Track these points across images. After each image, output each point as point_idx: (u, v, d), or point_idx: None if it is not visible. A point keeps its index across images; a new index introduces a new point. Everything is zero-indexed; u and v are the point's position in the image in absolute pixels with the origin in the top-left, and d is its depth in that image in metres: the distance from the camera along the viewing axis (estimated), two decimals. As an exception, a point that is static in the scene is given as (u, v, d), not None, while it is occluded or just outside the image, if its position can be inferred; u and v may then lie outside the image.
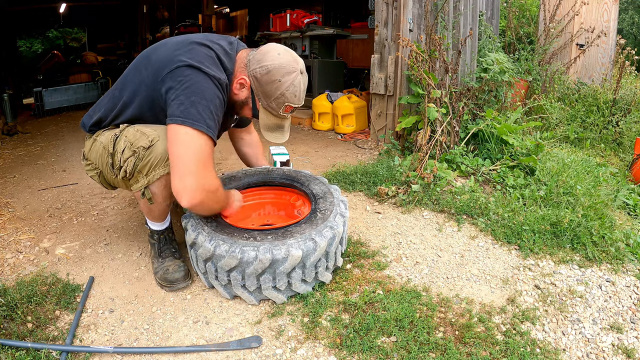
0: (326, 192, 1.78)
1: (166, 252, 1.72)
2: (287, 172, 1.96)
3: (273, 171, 1.97)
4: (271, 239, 1.48)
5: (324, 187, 1.82)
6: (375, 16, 3.23)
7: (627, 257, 1.84)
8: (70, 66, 7.95)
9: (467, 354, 1.32)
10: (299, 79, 1.52)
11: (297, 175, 1.94)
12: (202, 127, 1.37)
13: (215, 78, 1.44)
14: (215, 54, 1.49)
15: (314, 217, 1.63)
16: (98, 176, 1.68)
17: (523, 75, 3.89)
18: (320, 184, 1.85)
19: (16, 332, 1.36)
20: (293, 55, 1.55)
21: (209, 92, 1.41)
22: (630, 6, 10.83)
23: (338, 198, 1.75)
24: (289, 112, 1.56)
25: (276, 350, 1.35)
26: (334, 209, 1.67)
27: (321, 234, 1.52)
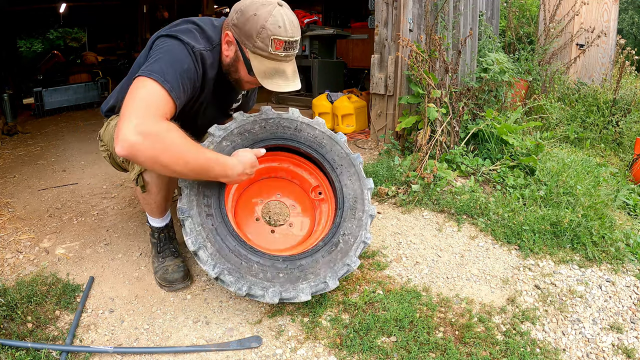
0: (357, 198, 1.57)
1: (166, 252, 1.72)
2: (319, 139, 1.65)
3: (302, 130, 1.65)
4: (283, 279, 1.37)
5: (356, 186, 1.60)
6: (375, 16, 3.22)
7: (627, 257, 1.84)
8: (70, 66, 7.95)
9: (467, 354, 1.32)
10: (278, 10, 1.38)
11: (331, 146, 1.65)
12: (157, 78, 1.27)
13: (189, 45, 1.38)
14: (198, 27, 1.46)
15: (334, 246, 1.47)
16: (109, 157, 1.74)
17: (523, 75, 3.89)
18: (354, 176, 1.61)
19: (16, 332, 1.36)
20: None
21: (178, 54, 1.36)
22: (630, 6, 10.83)
23: (368, 212, 1.57)
24: (282, 48, 1.39)
25: (276, 350, 1.35)
26: (360, 234, 1.51)
27: (336, 275, 1.43)
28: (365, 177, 1.66)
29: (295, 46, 1.43)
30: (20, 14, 7.95)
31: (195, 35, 1.43)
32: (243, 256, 1.37)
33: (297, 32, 1.42)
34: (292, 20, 1.41)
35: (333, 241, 1.48)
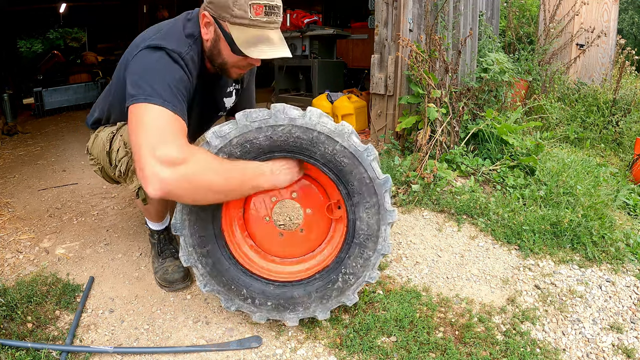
0: (370, 235, 1.33)
1: (166, 253, 1.72)
2: (339, 158, 1.29)
3: (318, 144, 1.28)
4: (270, 307, 1.37)
5: (373, 221, 1.32)
6: (375, 16, 3.22)
7: (627, 257, 1.84)
8: (70, 66, 7.95)
9: (467, 354, 1.32)
10: None
11: (353, 167, 1.29)
12: (157, 101, 1.16)
13: (176, 52, 1.28)
14: (178, 24, 1.38)
15: (331, 283, 1.36)
16: (100, 171, 1.67)
17: (523, 75, 3.89)
18: (373, 208, 1.31)
19: (16, 332, 1.36)
20: None
21: (166, 66, 1.26)
22: (630, 6, 10.83)
23: (380, 251, 1.34)
24: (262, 13, 1.28)
25: (276, 350, 1.35)
26: (363, 274, 1.35)
27: (327, 309, 1.37)
28: (391, 202, 1.39)
29: (277, 12, 1.32)
30: (20, 14, 7.94)
31: (177, 33, 1.34)
32: (234, 280, 1.37)
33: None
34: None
35: (331, 277, 1.36)
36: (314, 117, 1.28)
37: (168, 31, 1.35)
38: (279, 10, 1.33)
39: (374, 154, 1.30)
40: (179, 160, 1.09)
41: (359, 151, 1.28)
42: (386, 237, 1.33)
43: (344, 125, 1.29)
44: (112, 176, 1.63)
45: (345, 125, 1.30)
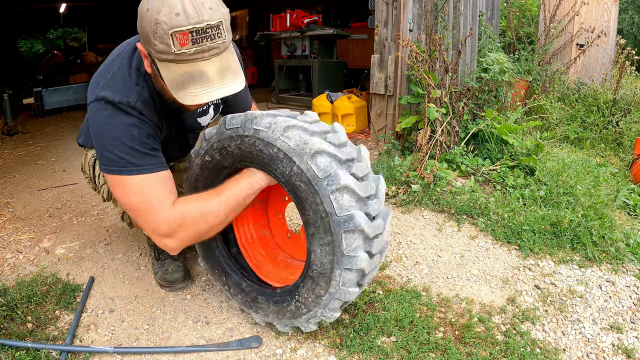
0: (322, 274, 1.18)
1: (165, 254, 1.72)
2: (294, 181, 1.12)
3: (278, 161, 1.13)
4: (240, 301, 1.44)
5: (325, 261, 1.15)
6: (375, 16, 3.22)
7: (627, 257, 1.84)
8: (70, 66, 7.96)
9: (467, 354, 1.32)
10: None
11: (308, 195, 1.11)
12: (130, 170, 1.17)
13: (123, 103, 1.18)
14: (124, 62, 1.25)
15: (286, 301, 1.29)
16: (95, 189, 1.69)
17: (523, 75, 3.89)
18: (327, 247, 1.13)
19: (16, 332, 1.36)
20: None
21: (120, 127, 1.18)
22: (630, 6, 10.83)
23: (334, 295, 1.18)
24: (189, 42, 1.02)
25: (276, 350, 1.35)
26: (314, 310, 1.23)
27: (282, 327, 1.34)
28: (362, 246, 1.13)
29: (211, 34, 1.03)
30: (20, 14, 7.95)
31: (123, 79, 1.22)
32: (219, 265, 1.48)
33: (212, 13, 1.02)
34: (201, 1, 1.02)
35: (286, 298, 1.30)
36: (277, 130, 1.12)
37: (115, 75, 1.23)
38: (217, 29, 1.04)
39: (335, 185, 1.07)
40: (173, 229, 1.18)
41: (318, 178, 1.07)
42: (344, 282, 1.14)
43: (314, 143, 1.09)
44: (105, 197, 1.63)
45: (311, 144, 1.09)
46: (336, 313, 1.25)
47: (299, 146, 1.09)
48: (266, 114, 1.19)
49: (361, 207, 1.13)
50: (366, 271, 1.17)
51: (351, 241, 1.10)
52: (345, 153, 1.16)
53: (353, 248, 1.10)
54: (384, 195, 1.24)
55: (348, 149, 1.18)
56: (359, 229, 1.10)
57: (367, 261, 1.14)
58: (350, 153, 1.17)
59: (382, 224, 1.18)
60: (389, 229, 1.27)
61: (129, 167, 1.17)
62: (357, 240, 1.11)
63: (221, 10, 1.06)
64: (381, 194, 1.21)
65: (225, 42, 1.07)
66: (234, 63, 1.12)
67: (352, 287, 1.17)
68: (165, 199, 1.19)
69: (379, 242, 1.19)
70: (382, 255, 1.24)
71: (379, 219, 1.18)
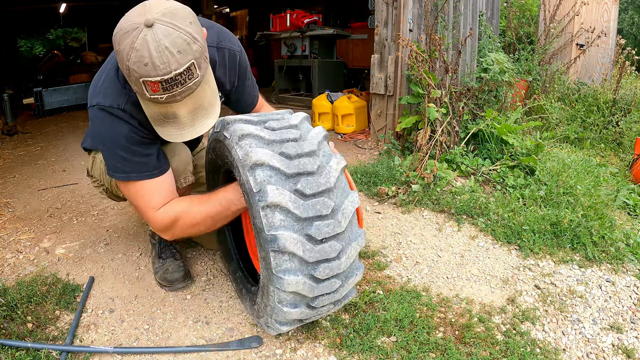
0: (263, 287, 1.17)
1: (167, 253, 1.72)
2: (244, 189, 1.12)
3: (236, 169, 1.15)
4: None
5: (265, 275, 1.13)
6: (375, 16, 3.23)
7: (627, 257, 1.84)
8: (70, 66, 7.96)
9: (467, 354, 1.32)
10: (143, 37, 1.01)
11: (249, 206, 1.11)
12: (120, 177, 1.30)
13: (113, 107, 1.23)
14: (112, 70, 1.28)
15: None
16: (106, 192, 1.69)
17: (523, 75, 3.89)
18: (263, 261, 1.11)
19: (16, 332, 1.36)
20: (149, 4, 1.05)
21: (112, 134, 1.25)
22: (630, 6, 10.83)
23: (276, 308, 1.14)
24: (160, 89, 1.05)
25: (276, 350, 1.35)
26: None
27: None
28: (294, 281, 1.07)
29: (183, 79, 1.05)
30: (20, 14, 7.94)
31: (113, 86, 1.25)
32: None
33: (180, 58, 1.03)
34: (167, 47, 1.02)
35: (255, 298, 1.35)
36: (234, 138, 1.11)
37: (105, 79, 1.27)
38: (187, 72, 1.06)
39: (268, 201, 1.03)
40: (164, 227, 1.33)
41: (252, 192, 1.05)
42: (279, 300, 1.11)
43: (254, 155, 1.06)
44: (118, 194, 1.63)
45: (252, 155, 1.06)
46: (283, 327, 1.21)
47: (244, 157, 1.08)
48: (239, 119, 1.19)
49: (299, 227, 1.06)
50: (308, 295, 1.11)
51: (280, 262, 1.05)
52: (297, 166, 1.08)
53: (282, 269, 1.06)
54: (352, 215, 1.13)
55: (304, 161, 1.09)
56: (288, 252, 1.04)
57: (303, 285, 1.07)
58: (306, 166, 1.08)
59: (339, 248, 1.09)
60: (355, 253, 1.16)
61: (121, 174, 1.31)
62: (288, 262, 1.06)
63: (192, 48, 1.05)
64: (347, 212, 1.11)
65: (197, 81, 1.09)
66: (207, 98, 1.17)
67: (291, 308, 1.12)
68: (153, 204, 1.32)
69: (333, 267, 1.10)
70: (344, 280, 1.16)
71: (331, 242, 1.09)
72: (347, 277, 1.18)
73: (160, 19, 1.02)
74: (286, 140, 1.12)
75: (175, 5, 1.08)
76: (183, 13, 1.07)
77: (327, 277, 1.11)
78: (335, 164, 1.14)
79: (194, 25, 1.08)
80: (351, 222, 1.14)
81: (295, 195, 1.06)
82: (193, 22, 1.09)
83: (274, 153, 1.08)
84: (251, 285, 1.43)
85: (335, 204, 1.10)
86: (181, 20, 1.05)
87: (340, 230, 1.10)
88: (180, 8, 1.08)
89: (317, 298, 1.14)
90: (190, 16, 1.09)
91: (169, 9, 1.05)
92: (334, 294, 1.17)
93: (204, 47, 1.10)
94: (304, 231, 1.07)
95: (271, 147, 1.11)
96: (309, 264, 1.08)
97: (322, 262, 1.09)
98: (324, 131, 1.21)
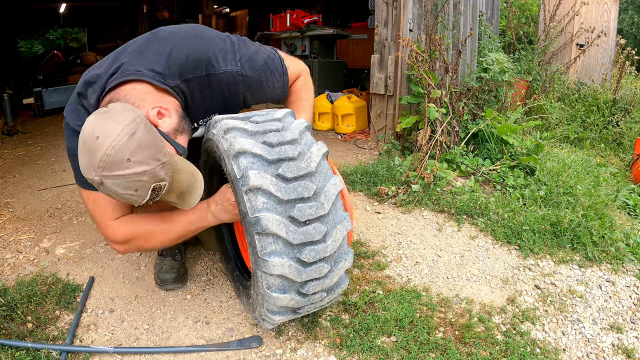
0: (254, 269, 1.21)
1: (167, 252, 1.72)
2: (230, 178, 1.17)
3: (222, 162, 1.20)
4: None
5: (253, 260, 1.17)
6: (375, 16, 3.22)
7: (627, 257, 1.84)
8: (70, 66, 7.96)
9: (467, 354, 1.32)
10: (103, 190, 1.09)
11: (235, 192, 1.16)
12: (79, 184, 1.33)
13: (77, 125, 1.23)
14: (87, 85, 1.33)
15: None
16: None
17: (523, 75, 3.89)
18: (250, 246, 1.15)
19: (16, 332, 1.36)
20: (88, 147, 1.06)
21: (73, 150, 1.23)
22: (630, 6, 10.83)
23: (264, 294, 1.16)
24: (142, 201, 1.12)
25: (276, 350, 1.35)
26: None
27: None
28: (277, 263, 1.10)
29: (153, 197, 1.11)
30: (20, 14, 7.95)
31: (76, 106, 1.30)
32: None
33: (140, 194, 1.08)
34: (124, 193, 1.07)
35: (249, 292, 1.38)
36: (220, 132, 1.17)
37: (72, 96, 1.35)
38: (154, 194, 1.12)
39: (250, 184, 1.07)
40: (121, 240, 1.32)
41: (236, 178, 1.10)
42: (268, 286, 1.13)
43: (237, 144, 1.10)
44: None
45: (235, 144, 1.10)
46: (275, 316, 1.21)
47: (229, 147, 1.13)
48: (226, 117, 1.22)
49: (282, 210, 1.09)
50: (296, 279, 1.12)
51: (265, 244, 1.09)
52: (279, 152, 1.12)
53: (267, 252, 1.09)
54: (335, 197, 1.15)
55: (285, 148, 1.13)
56: (272, 233, 1.07)
57: (289, 268, 1.10)
58: (287, 152, 1.12)
59: (323, 230, 1.11)
60: (341, 236, 1.16)
61: (79, 182, 1.32)
62: (272, 244, 1.09)
63: (144, 179, 1.06)
64: (329, 195, 1.13)
65: (168, 186, 1.13)
66: (185, 182, 1.19)
67: (280, 293, 1.14)
68: (108, 216, 1.31)
69: (319, 250, 1.12)
70: (333, 264, 1.17)
71: (315, 224, 1.11)
72: (335, 261, 1.19)
73: (103, 174, 1.04)
74: (269, 131, 1.16)
75: (108, 142, 1.03)
76: (119, 153, 1.03)
77: (314, 260, 1.12)
78: (317, 150, 1.17)
79: (135, 155, 1.05)
80: (335, 205, 1.16)
81: (277, 179, 1.10)
82: (133, 152, 1.05)
83: (256, 142, 1.13)
84: (246, 281, 1.45)
85: (317, 187, 1.13)
86: (119, 164, 1.04)
87: (324, 212, 1.12)
88: (113, 146, 1.03)
89: (306, 283, 1.16)
90: (127, 149, 1.04)
91: (105, 155, 1.03)
92: (324, 279, 1.18)
93: (154, 166, 1.08)
94: (287, 213, 1.09)
95: (254, 137, 1.15)
96: (293, 246, 1.10)
97: (307, 245, 1.11)
98: (307, 122, 1.23)
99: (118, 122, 1.06)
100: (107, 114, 1.10)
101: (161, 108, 1.21)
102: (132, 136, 1.05)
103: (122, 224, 1.31)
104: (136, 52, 1.28)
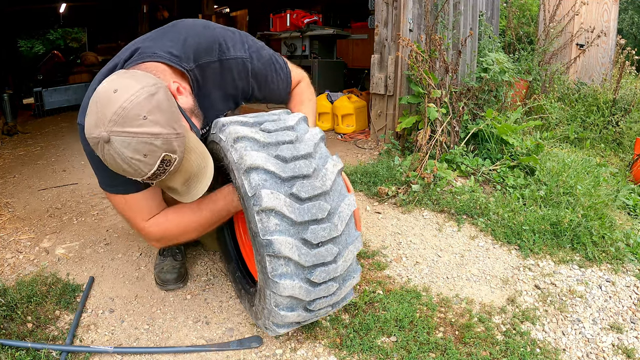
0: (260, 289, 1.19)
1: (167, 252, 1.72)
2: (239, 193, 1.11)
3: (230, 171, 1.15)
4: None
5: (261, 278, 1.14)
6: (375, 16, 3.22)
7: (627, 257, 1.84)
8: (70, 66, 7.96)
9: (467, 354, 1.32)
10: (108, 152, 1.00)
11: (245, 210, 1.10)
12: (109, 190, 1.33)
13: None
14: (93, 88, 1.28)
15: None
16: None
17: (523, 75, 3.89)
18: (260, 265, 1.11)
19: (16, 332, 1.36)
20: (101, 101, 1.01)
21: (94, 157, 1.20)
22: (630, 6, 10.83)
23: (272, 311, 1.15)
24: (147, 179, 1.07)
25: (276, 350, 1.35)
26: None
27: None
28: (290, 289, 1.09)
29: (161, 171, 1.05)
30: (20, 14, 7.95)
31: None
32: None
33: (149, 162, 1.01)
34: (131, 157, 1.00)
35: (254, 299, 1.36)
36: (229, 140, 1.10)
37: (86, 98, 1.30)
38: (163, 167, 1.05)
39: (263, 205, 1.01)
40: (152, 238, 1.37)
41: (248, 196, 1.04)
42: (276, 304, 1.11)
43: (249, 158, 1.04)
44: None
45: (246, 158, 1.04)
46: (280, 329, 1.20)
47: (239, 160, 1.06)
48: (235, 120, 1.16)
49: (295, 232, 1.05)
50: (305, 298, 1.10)
51: (276, 266, 1.05)
52: (293, 169, 1.06)
53: (278, 274, 1.05)
54: (349, 218, 1.11)
55: (299, 164, 1.07)
56: (284, 256, 1.03)
57: (299, 289, 1.07)
58: (301, 169, 1.06)
59: (335, 251, 1.08)
60: (352, 257, 1.15)
61: (110, 188, 1.33)
62: (284, 266, 1.05)
63: (156, 145, 1.00)
64: (343, 215, 1.09)
65: (178, 161, 1.07)
66: (195, 164, 1.14)
67: (288, 312, 1.12)
68: (142, 216, 1.34)
69: (329, 271, 1.09)
70: (341, 282, 1.16)
71: (328, 245, 1.07)
72: (344, 279, 1.17)
73: (113, 130, 0.97)
74: (282, 143, 1.10)
75: (126, 96, 0.98)
76: (136, 108, 0.98)
77: (324, 280, 1.09)
78: (332, 166, 1.12)
79: (152, 115, 1.00)
80: (348, 225, 1.12)
81: (291, 199, 1.04)
82: (151, 110, 0.99)
83: (268, 156, 1.07)
84: (249, 287, 1.43)
85: (331, 207, 1.08)
86: (133, 120, 0.97)
87: (337, 233, 1.09)
88: (131, 100, 0.98)
89: (314, 301, 1.14)
90: (145, 106, 0.99)
91: (120, 108, 0.97)
92: (332, 296, 1.17)
93: (169, 132, 1.03)
94: (299, 235, 1.05)
95: (266, 149, 1.09)
96: (305, 268, 1.07)
97: (318, 266, 1.08)
98: (321, 132, 1.19)
99: (139, 81, 1.02)
100: (129, 73, 1.06)
101: (180, 86, 1.21)
102: (152, 96, 1.01)
103: (156, 225, 1.34)
104: (151, 39, 1.30)
